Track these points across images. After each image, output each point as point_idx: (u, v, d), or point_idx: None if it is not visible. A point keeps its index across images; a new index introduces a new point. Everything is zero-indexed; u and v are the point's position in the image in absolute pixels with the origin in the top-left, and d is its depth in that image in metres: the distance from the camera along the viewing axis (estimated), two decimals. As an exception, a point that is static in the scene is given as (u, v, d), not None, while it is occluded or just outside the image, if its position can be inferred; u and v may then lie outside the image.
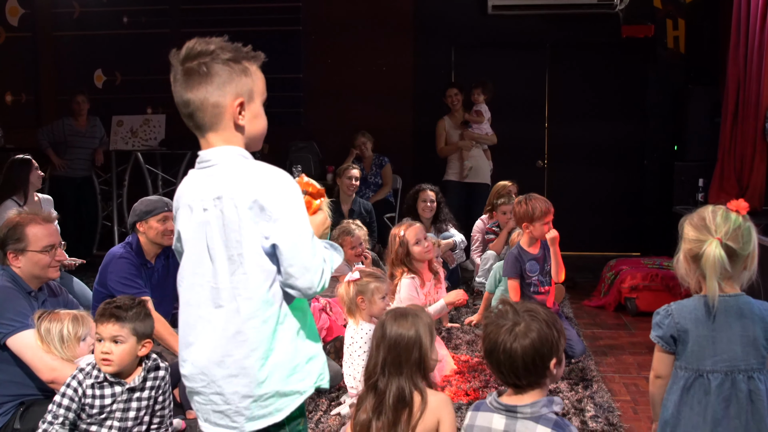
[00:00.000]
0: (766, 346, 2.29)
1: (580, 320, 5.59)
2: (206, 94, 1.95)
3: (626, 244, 8.01)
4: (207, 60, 1.96)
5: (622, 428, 3.49)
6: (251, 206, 1.90)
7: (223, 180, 1.95)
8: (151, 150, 7.98)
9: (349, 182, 6.44)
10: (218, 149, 1.99)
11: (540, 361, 2.09)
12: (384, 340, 2.49)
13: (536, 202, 4.44)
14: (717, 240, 2.24)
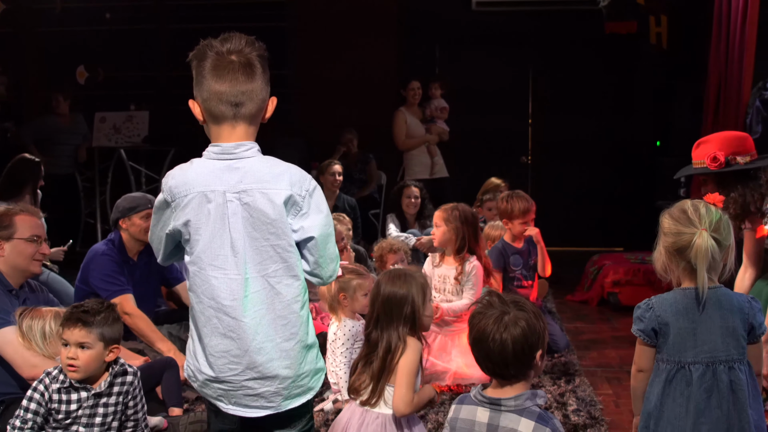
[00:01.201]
0: (746, 337, 2.32)
1: (563, 315, 5.62)
2: (258, 86, 2.08)
3: (610, 239, 8.05)
4: (256, 54, 2.12)
5: (603, 421, 3.52)
6: (286, 200, 2.01)
7: (251, 174, 2.03)
8: (134, 147, 7.95)
9: (332, 178, 6.44)
10: (243, 144, 2.06)
11: (529, 350, 2.11)
12: (378, 298, 2.67)
13: (517, 201, 4.48)
14: (704, 231, 2.28)
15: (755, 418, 2.29)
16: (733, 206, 3.22)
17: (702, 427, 2.26)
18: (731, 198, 3.22)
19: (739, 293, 2.40)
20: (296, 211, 2.04)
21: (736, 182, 3.24)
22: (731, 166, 3.23)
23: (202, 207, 2.04)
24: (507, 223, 4.56)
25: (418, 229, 6.25)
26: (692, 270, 2.33)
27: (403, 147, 7.36)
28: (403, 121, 7.31)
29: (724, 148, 3.24)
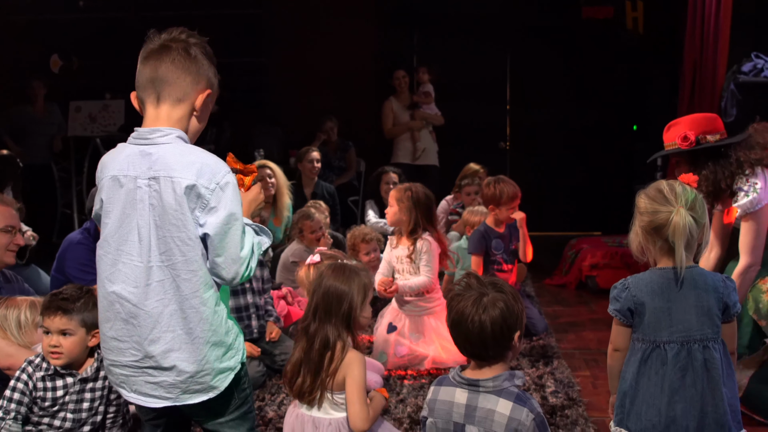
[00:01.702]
0: (720, 316, 2.35)
1: (542, 298, 5.67)
2: (185, 73, 2.04)
3: (588, 224, 8.11)
4: (199, 46, 2.10)
5: (581, 402, 3.55)
6: (187, 190, 1.95)
7: (161, 161, 1.98)
8: (110, 136, 7.85)
9: (310, 165, 6.43)
10: (160, 129, 2.03)
11: (507, 332, 2.13)
12: (319, 289, 2.62)
13: (505, 186, 4.48)
14: (681, 208, 2.30)
15: (729, 396, 2.32)
16: (705, 184, 3.26)
17: (676, 405, 2.29)
18: (703, 176, 3.26)
19: (714, 272, 2.42)
20: (203, 205, 1.97)
21: (707, 160, 3.29)
22: (701, 144, 3.28)
23: (114, 191, 2.03)
24: (494, 208, 4.56)
25: (397, 215, 6.24)
26: (668, 249, 2.35)
27: (389, 135, 7.44)
28: (389, 110, 7.38)
29: (694, 128, 3.29)
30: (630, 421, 2.37)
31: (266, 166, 5.63)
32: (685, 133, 3.28)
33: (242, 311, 3.96)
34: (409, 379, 3.93)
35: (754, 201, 3.22)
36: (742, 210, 3.26)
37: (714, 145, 3.29)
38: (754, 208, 3.23)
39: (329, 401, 2.57)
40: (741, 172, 3.25)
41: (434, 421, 2.20)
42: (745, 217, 3.28)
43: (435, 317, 4.17)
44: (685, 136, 3.28)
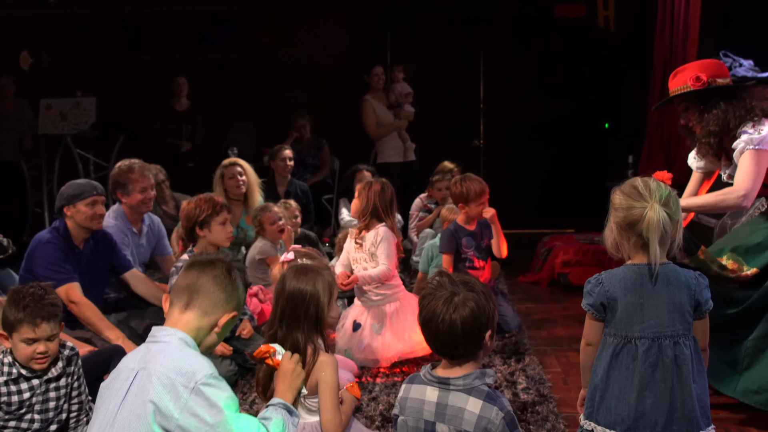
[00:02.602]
0: (692, 313, 2.37)
1: (514, 296, 5.69)
2: (220, 291, 2.22)
3: (561, 221, 8.15)
4: (239, 274, 2.29)
5: (552, 399, 3.58)
6: (163, 388, 2.05)
7: (153, 356, 2.12)
8: (82, 134, 7.78)
9: (283, 164, 6.41)
10: (168, 329, 2.19)
11: (478, 331, 2.13)
12: (283, 294, 2.55)
13: (471, 183, 4.51)
14: (655, 204, 2.31)
15: (698, 392, 2.35)
16: (714, 123, 3.30)
17: (646, 400, 2.31)
18: (712, 115, 3.30)
19: (687, 269, 2.44)
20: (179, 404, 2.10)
21: (719, 100, 3.32)
22: (713, 86, 3.32)
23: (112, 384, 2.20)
24: (463, 206, 4.59)
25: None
26: (643, 245, 2.36)
27: (376, 135, 7.36)
28: (371, 110, 7.29)
29: (705, 70, 3.34)
30: (599, 415, 2.39)
31: (237, 164, 5.61)
32: (697, 74, 3.32)
33: (214, 310, 3.94)
34: (382, 377, 3.94)
35: (759, 138, 3.23)
36: (746, 142, 3.24)
37: (727, 85, 3.34)
38: (758, 145, 3.22)
39: (302, 406, 2.54)
40: (751, 117, 3.28)
41: (405, 419, 2.21)
42: (746, 152, 3.26)
43: (394, 304, 4.22)
44: (697, 77, 3.32)
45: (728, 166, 3.43)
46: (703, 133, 3.38)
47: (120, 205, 4.61)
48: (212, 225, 3.98)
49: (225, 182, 5.57)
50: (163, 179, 5.64)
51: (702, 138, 3.40)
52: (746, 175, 3.25)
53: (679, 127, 3.61)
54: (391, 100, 7.38)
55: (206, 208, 3.99)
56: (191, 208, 4.01)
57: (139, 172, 4.57)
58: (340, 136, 7.99)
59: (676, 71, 3.46)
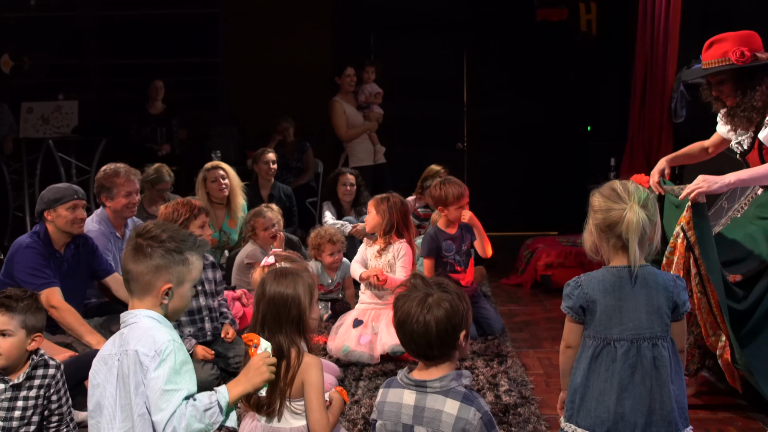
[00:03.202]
0: (670, 315, 2.39)
1: (498, 298, 5.72)
2: (144, 270, 2.26)
3: (545, 223, 8.20)
4: (155, 245, 2.27)
5: (534, 400, 3.60)
6: (134, 360, 2.16)
7: (126, 337, 2.22)
8: (63, 137, 7.74)
9: (266, 167, 6.39)
10: (132, 312, 2.27)
11: (452, 331, 2.13)
12: (264, 298, 2.53)
13: (450, 187, 4.54)
14: (635, 205, 2.33)
15: (676, 393, 2.37)
16: (760, 98, 3.30)
17: (625, 402, 2.33)
18: (758, 90, 3.29)
19: (665, 272, 2.46)
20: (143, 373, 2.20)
21: (763, 74, 3.31)
22: (756, 60, 3.30)
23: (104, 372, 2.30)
24: (443, 210, 4.63)
25: (354, 216, 6.26)
26: (621, 247, 2.39)
27: (347, 137, 7.26)
28: (341, 112, 7.19)
29: (747, 44, 3.31)
30: (580, 417, 2.41)
31: (219, 167, 5.60)
32: (741, 49, 3.29)
33: (195, 314, 3.93)
34: (365, 380, 3.94)
35: None
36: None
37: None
38: None
39: (288, 410, 2.51)
40: None
41: (383, 424, 2.21)
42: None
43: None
44: (742, 52, 3.29)
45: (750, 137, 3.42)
46: (745, 107, 3.36)
47: (103, 209, 4.59)
48: (191, 228, 3.96)
49: (207, 185, 5.56)
50: (170, 187, 5.63)
51: (743, 112, 3.37)
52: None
53: (706, 95, 3.57)
54: (360, 101, 7.33)
55: (184, 211, 3.98)
56: (168, 212, 4.00)
57: (124, 176, 4.54)
58: (325, 139, 7.98)
59: (711, 41, 3.41)
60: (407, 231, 4.45)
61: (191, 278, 2.35)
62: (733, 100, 3.40)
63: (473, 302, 4.70)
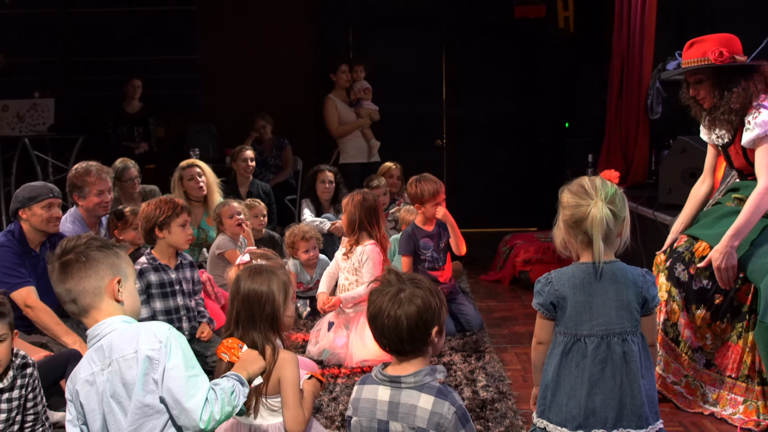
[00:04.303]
0: (639, 310, 2.42)
1: (476, 294, 5.74)
2: (86, 279, 2.17)
3: (524, 220, 8.24)
4: (82, 249, 2.19)
5: (511, 396, 3.62)
6: (142, 360, 2.08)
7: (111, 346, 2.12)
8: (39, 135, 7.67)
9: (244, 164, 6.37)
10: (103, 322, 2.18)
11: (424, 327, 2.14)
12: (238, 295, 2.53)
13: (425, 184, 4.55)
14: (600, 201, 2.36)
15: (647, 388, 2.40)
16: (736, 99, 3.30)
17: (596, 397, 2.35)
18: (733, 93, 3.29)
19: (634, 267, 2.49)
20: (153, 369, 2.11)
21: (740, 77, 3.31)
22: (734, 62, 3.31)
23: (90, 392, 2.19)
24: (419, 207, 4.64)
25: (333, 213, 6.25)
26: (589, 242, 2.41)
27: (337, 134, 7.23)
28: (333, 108, 7.17)
29: (726, 45, 3.33)
30: (551, 413, 2.43)
31: (195, 165, 5.57)
32: (720, 49, 3.31)
33: (172, 313, 3.92)
34: (343, 377, 3.95)
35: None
36: (763, 129, 3.21)
37: (746, 63, 3.32)
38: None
39: (265, 406, 2.52)
40: None
41: (359, 420, 2.22)
42: (763, 137, 3.24)
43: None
44: (720, 52, 3.30)
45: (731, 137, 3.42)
46: (724, 109, 3.36)
47: (77, 208, 4.55)
48: (172, 226, 3.94)
49: (184, 184, 5.53)
50: (136, 175, 5.57)
51: (722, 115, 3.38)
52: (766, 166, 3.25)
53: (684, 97, 3.57)
54: (351, 98, 7.35)
55: (166, 209, 3.96)
56: (150, 209, 3.97)
57: (96, 174, 4.51)
58: (303, 136, 7.98)
59: (692, 41, 3.42)
60: (376, 229, 4.35)
61: (131, 274, 2.29)
62: (711, 101, 3.42)
63: (452, 298, 4.73)
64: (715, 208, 3.57)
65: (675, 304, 3.44)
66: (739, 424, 3.24)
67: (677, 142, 4.92)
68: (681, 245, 3.50)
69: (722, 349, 3.36)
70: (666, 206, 4.85)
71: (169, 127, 7.85)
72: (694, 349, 3.44)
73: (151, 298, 3.88)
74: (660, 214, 4.75)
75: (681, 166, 4.81)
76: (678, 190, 4.78)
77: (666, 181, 4.93)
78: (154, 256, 3.94)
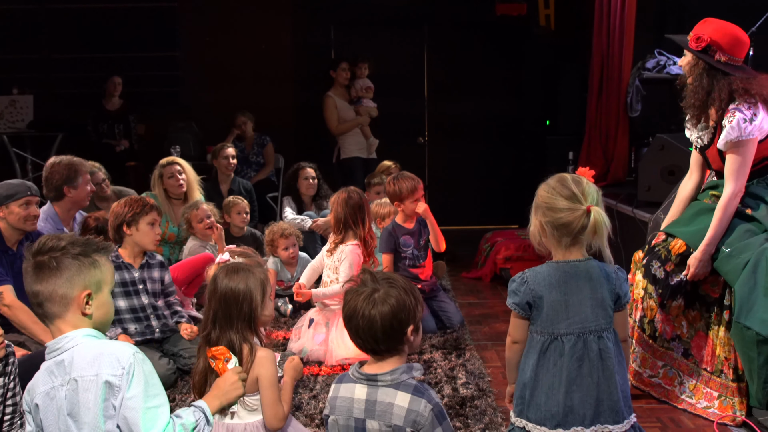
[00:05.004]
0: (612, 306, 2.43)
1: (457, 291, 5.75)
2: (55, 287, 2.11)
3: (504, 217, 8.28)
4: (57, 255, 2.13)
5: (491, 393, 3.63)
6: (101, 385, 2.04)
7: (72, 363, 2.08)
8: (18, 132, 7.60)
9: (226, 162, 6.36)
10: (66, 336, 2.13)
11: (398, 326, 2.15)
12: (215, 294, 2.52)
13: (403, 182, 4.57)
14: (594, 207, 2.34)
15: (621, 383, 2.41)
16: (697, 93, 3.28)
17: (574, 395, 2.36)
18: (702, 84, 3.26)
19: (606, 264, 2.48)
20: (113, 394, 2.08)
21: (711, 72, 3.25)
22: (708, 55, 3.24)
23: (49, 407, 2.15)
24: (399, 205, 4.64)
25: (315, 210, 6.24)
26: (570, 244, 2.40)
27: (337, 132, 7.23)
28: (333, 106, 7.16)
29: (716, 35, 3.23)
30: (530, 412, 2.42)
31: (175, 163, 5.55)
32: (701, 35, 3.24)
33: (138, 311, 3.93)
34: (323, 375, 3.95)
35: (751, 128, 3.19)
36: (736, 131, 3.19)
37: (718, 64, 3.24)
38: (747, 135, 3.19)
39: (242, 405, 2.52)
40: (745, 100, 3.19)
41: (336, 419, 2.22)
42: (736, 143, 3.22)
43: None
44: (699, 37, 3.24)
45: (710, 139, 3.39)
46: (687, 102, 3.36)
47: (50, 206, 4.52)
48: (140, 224, 3.92)
49: (164, 182, 5.50)
50: (104, 178, 5.53)
51: (686, 107, 3.38)
52: (736, 171, 3.25)
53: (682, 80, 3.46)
54: (352, 96, 7.34)
55: (136, 206, 3.94)
56: (120, 206, 3.96)
57: (85, 165, 4.56)
58: (285, 133, 7.96)
59: (707, 19, 3.32)
60: (362, 228, 4.36)
61: (108, 281, 2.24)
62: (687, 77, 3.37)
63: (432, 296, 4.74)
64: (692, 204, 3.60)
65: (651, 300, 3.48)
66: (715, 419, 3.28)
67: (656, 140, 4.95)
68: (658, 243, 3.53)
69: (696, 339, 3.41)
70: (645, 203, 4.89)
71: (150, 125, 7.81)
72: (671, 339, 3.48)
73: (113, 296, 3.86)
74: (639, 212, 4.79)
75: (660, 164, 4.85)
76: (657, 187, 4.82)
77: (645, 178, 4.96)
78: (118, 254, 3.92)
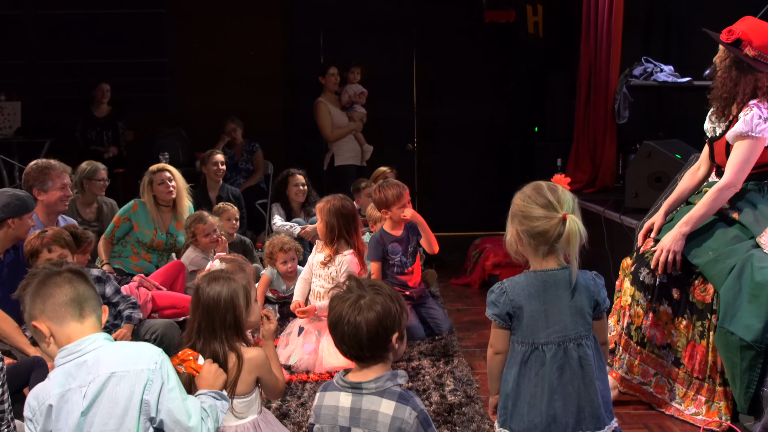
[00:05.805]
0: (591, 313, 2.43)
1: (446, 298, 5.76)
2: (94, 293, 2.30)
3: (493, 223, 8.26)
4: None
5: (479, 400, 3.64)
6: (147, 379, 2.10)
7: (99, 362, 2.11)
8: (6, 139, 7.57)
9: (215, 168, 6.35)
10: (87, 338, 2.15)
11: (384, 333, 2.15)
12: (198, 303, 2.52)
13: (388, 189, 4.58)
14: (570, 215, 2.33)
15: (601, 389, 2.41)
16: (721, 88, 3.33)
17: (556, 403, 2.35)
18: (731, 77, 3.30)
19: (585, 271, 2.47)
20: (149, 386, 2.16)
21: (750, 72, 3.27)
22: (738, 48, 3.26)
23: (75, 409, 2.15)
24: (386, 212, 4.65)
25: (304, 217, 6.25)
26: (547, 253, 2.39)
27: (332, 138, 7.21)
28: (326, 112, 7.15)
29: (748, 30, 3.25)
30: (513, 422, 2.41)
31: (165, 170, 5.53)
32: (733, 29, 3.26)
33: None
34: (311, 382, 3.94)
35: (761, 126, 3.21)
36: (748, 125, 3.21)
37: (746, 59, 3.26)
38: (757, 133, 3.22)
39: (232, 412, 2.51)
40: (767, 99, 3.25)
41: (321, 427, 2.22)
42: (743, 137, 3.25)
43: None
44: (730, 30, 3.26)
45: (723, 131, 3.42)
46: (714, 94, 3.40)
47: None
48: (40, 259, 3.75)
49: (154, 188, 5.47)
50: (105, 177, 5.56)
51: (712, 99, 3.42)
52: (737, 164, 3.27)
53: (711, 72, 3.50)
54: (344, 101, 7.33)
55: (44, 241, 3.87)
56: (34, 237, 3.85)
57: (59, 168, 4.50)
58: (274, 140, 7.95)
59: (746, 17, 3.34)
60: (354, 237, 4.34)
61: None
62: (717, 69, 3.40)
63: (421, 302, 4.74)
64: (681, 210, 3.62)
65: (639, 307, 3.49)
66: (702, 425, 3.30)
67: (643, 147, 4.97)
68: (646, 250, 3.55)
69: (688, 348, 3.41)
70: (633, 210, 4.90)
71: (139, 131, 7.79)
72: (662, 347, 3.49)
73: None
74: (627, 218, 4.80)
75: (647, 171, 4.87)
76: (644, 194, 4.84)
77: (632, 185, 4.98)
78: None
